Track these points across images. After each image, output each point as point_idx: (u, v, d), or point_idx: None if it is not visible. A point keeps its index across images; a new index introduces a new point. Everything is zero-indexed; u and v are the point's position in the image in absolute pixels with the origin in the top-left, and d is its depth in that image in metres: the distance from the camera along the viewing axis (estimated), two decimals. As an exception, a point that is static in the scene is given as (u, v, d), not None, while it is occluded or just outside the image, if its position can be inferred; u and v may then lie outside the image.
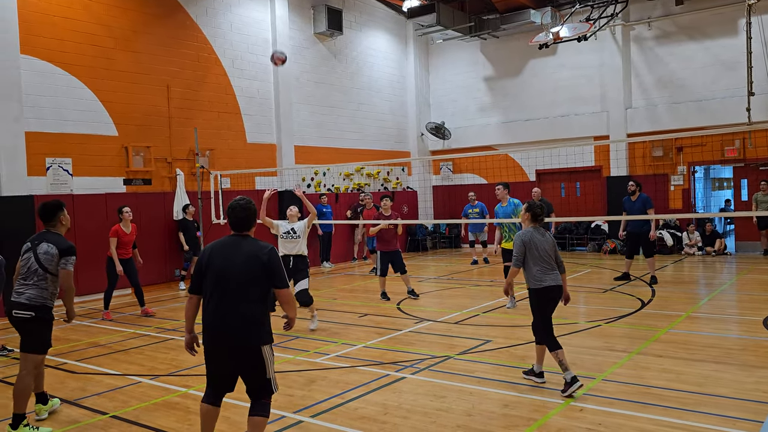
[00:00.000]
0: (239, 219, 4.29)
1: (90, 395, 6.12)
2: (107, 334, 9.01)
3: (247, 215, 4.30)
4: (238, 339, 4.11)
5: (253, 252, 4.18)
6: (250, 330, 4.12)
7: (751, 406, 5.08)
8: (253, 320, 4.13)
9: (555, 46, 17.68)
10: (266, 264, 4.15)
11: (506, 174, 18.83)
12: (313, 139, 17.05)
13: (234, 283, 4.15)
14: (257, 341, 4.13)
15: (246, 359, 4.14)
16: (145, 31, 13.34)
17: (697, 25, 16.38)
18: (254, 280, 4.15)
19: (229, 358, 4.16)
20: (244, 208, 4.30)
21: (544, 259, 5.80)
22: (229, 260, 4.19)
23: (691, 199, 16.81)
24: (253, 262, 4.15)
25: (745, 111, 13.42)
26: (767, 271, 12.89)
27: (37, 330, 5.21)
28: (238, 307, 4.12)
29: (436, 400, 5.53)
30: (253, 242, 4.27)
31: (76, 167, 12.14)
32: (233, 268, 4.16)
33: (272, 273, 4.18)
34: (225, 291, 4.16)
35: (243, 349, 4.13)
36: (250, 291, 4.15)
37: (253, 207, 4.36)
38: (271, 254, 4.19)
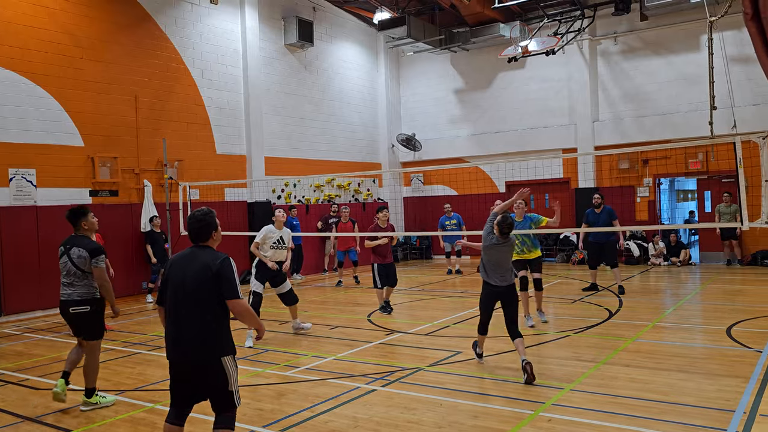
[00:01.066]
0: (193, 230, 4.28)
1: (53, 412, 5.96)
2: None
3: (201, 226, 4.26)
4: (195, 352, 4.07)
5: (206, 262, 4.13)
6: (207, 343, 4.07)
7: (715, 414, 5.17)
8: (209, 333, 4.07)
9: (524, 60, 17.95)
10: (216, 274, 4.08)
11: (476, 186, 19.01)
12: (283, 151, 16.99)
13: (188, 294, 4.11)
14: (215, 354, 4.08)
15: (206, 373, 4.09)
16: (112, 40, 13.17)
17: (661, 41, 16.79)
18: (207, 291, 4.08)
19: (190, 373, 4.11)
20: (198, 220, 4.28)
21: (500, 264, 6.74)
22: (184, 271, 4.17)
23: (656, 211, 17.14)
24: (204, 272, 4.09)
25: (708, 124, 13.74)
26: (730, 281, 13.18)
27: (94, 320, 6.06)
28: (193, 319, 4.08)
29: (407, 412, 5.52)
30: (208, 253, 4.21)
31: (40, 178, 11.89)
32: (187, 279, 4.13)
33: (221, 283, 4.08)
34: (181, 303, 4.13)
35: (202, 363, 4.08)
36: (204, 302, 4.09)
37: (209, 218, 4.30)
38: (222, 264, 4.11)
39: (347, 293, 13.33)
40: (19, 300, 11.45)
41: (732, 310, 9.76)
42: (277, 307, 11.84)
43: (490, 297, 6.84)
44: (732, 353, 7.14)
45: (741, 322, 8.75)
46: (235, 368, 4.18)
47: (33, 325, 10.82)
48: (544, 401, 5.65)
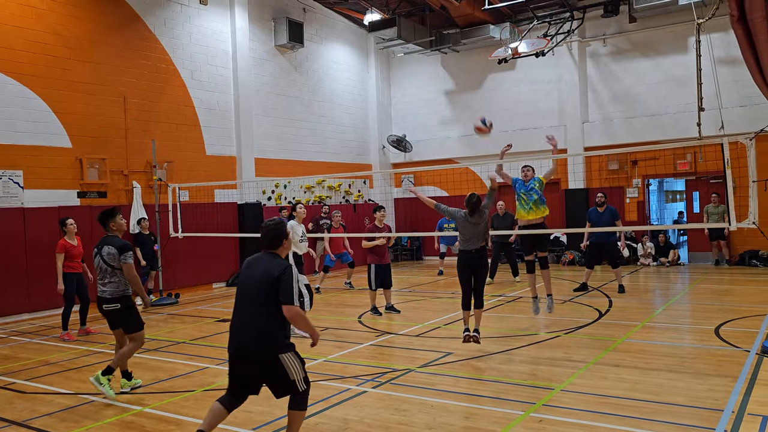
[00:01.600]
0: (263, 239, 4.65)
1: (40, 416, 5.90)
2: (59, 351, 8.72)
3: (274, 235, 4.64)
4: (255, 350, 4.39)
5: (270, 267, 4.47)
6: (268, 341, 4.38)
7: (704, 414, 5.19)
8: (269, 331, 4.39)
9: (514, 61, 17.99)
10: (277, 278, 4.39)
11: (467, 187, 18.98)
12: (273, 152, 16.94)
13: (251, 295, 4.47)
14: (274, 351, 4.39)
15: (265, 368, 4.41)
16: (101, 41, 13.09)
17: (649, 43, 16.89)
18: (267, 294, 4.40)
19: (251, 369, 4.46)
20: (271, 229, 4.65)
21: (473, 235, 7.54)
22: (251, 273, 4.54)
23: (645, 211, 17.23)
24: (267, 276, 4.43)
25: (696, 126, 13.83)
26: (719, 281, 13.27)
27: (126, 315, 6.43)
28: (254, 319, 4.41)
29: (397, 414, 5.51)
30: (274, 260, 4.55)
31: (27, 180, 11.79)
32: (252, 281, 4.50)
33: (279, 287, 4.38)
34: (245, 302, 4.50)
35: (261, 359, 4.39)
36: (265, 303, 4.40)
37: (281, 228, 4.68)
38: (284, 271, 4.43)
39: (338, 295, 13.31)
40: (5, 303, 11.33)
41: (720, 309, 9.82)
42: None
43: (465, 266, 7.61)
44: (720, 353, 7.18)
45: (729, 321, 8.80)
46: (296, 360, 4.46)
47: (20, 328, 10.72)
48: (534, 402, 5.66)
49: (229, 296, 13.73)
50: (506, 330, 8.93)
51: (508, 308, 10.79)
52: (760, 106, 13.92)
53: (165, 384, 6.81)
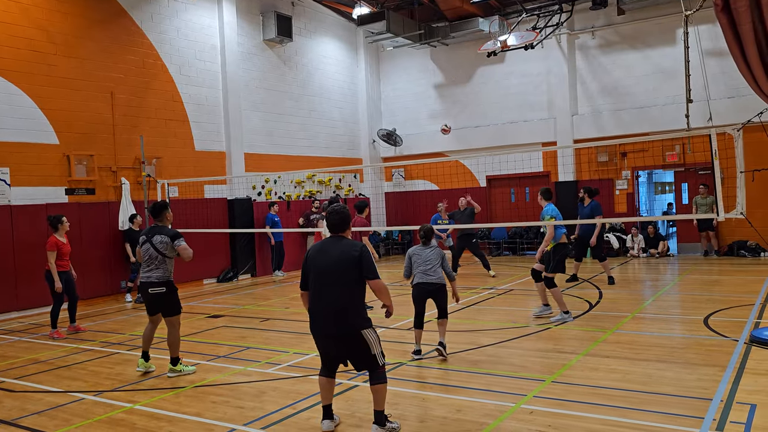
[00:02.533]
0: (335, 222, 5.00)
1: (29, 414, 5.86)
2: (48, 349, 8.66)
3: (342, 218, 5.00)
4: (339, 327, 4.75)
5: (346, 249, 4.85)
6: (349, 318, 4.76)
7: (694, 403, 5.23)
8: (351, 309, 4.78)
9: (503, 54, 17.99)
10: (357, 258, 4.79)
11: (458, 180, 19.04)
12: (263, 147, 16.87)
13: (334, 277, 4.81)
14: (357, 327, 4.76)
15: (349, 343, 4.80)
16: (87, 36, 12.96)
17: (638, 35, 16.93)
18: (348, 273, 4.78)
19: (335, 343, 4.85)
20: (338, 212, 5.02)
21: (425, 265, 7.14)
22: (327, 257, 4.87)
23: (635, 203, 17.31)
24: (347, 256, 4.80)
25: (684, 117, 13.89)
26: (708, 272, 13.36)
27: (170, 299, 6.95)
28: (337, 298, 4.77)
29: (389, 407, 5.50)
30: (347, 242, 4.95)
31: (14, 177, 11.67)
32: (331, 264, 4.83)
33: (362, 265, 4.80)
34: (325, 284, 4.83)
35: (345, 336, 4.77)
36: (346, 283, 4.78)
37: (347, 212, 5.05)
38: (363, 249, 4.84)
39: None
40: (-6, 301, 11.24)
41: (709, 300, 9.89)
42: (258, 305, 11.78)
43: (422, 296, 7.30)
44: (709, 342, 7.23)
45: (718, 311, 8.87)
46: (375, 336, 4.87)
47: (8, 327, 10.64)
48: (525, 393, 5.68)
49: (222, 292, 13.70)
50: (497, 322, 8.95)
51: (500, 300, 10.82)
52: (748, 97, 13.98)
53: (155, 381, 6.79)
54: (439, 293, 7.13)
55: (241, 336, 8.86)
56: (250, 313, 10.78)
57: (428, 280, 7.10)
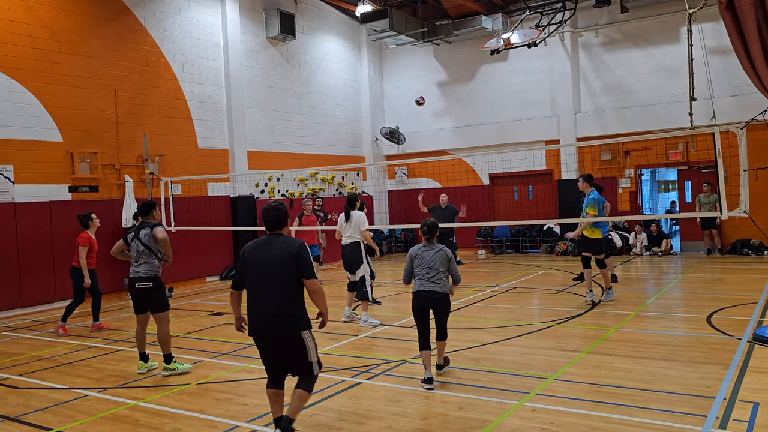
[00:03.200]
0: (271, 219, 4.77)
1: (33, 411, 5.88)
2: (52, 346, 8.69)
3: (278, 215, 4.77)
4: (279, 328, 4.54)
5: (285, 246, 4.65)
6: (289, 318, 4.56)
7: (697, 401, 5.23)
8: (291, 309, 4.57)
9: (506, 52, 17.98)
10: (295, 255, 4.59)
11: (460, 178, 19.04)
12: (266, 145, 16.88)
13: (271, 275, 4.59)
14: (296, 328, 4.56)
15: (288, 346, 4.59)
16: (91, 34, 12.98)
17: (641, 33, 16.90)
18: (287, 272, 4.58)
19: (275, 346, 4.63)
20: (275, 209, 4.79)
21: (427, 269, 6.11)
22: (264, 256, 4.66)
23: (638, 201, 17.29)
24: (284, 254, 4.60)
25: (688, 115, 13.87)
26: (711, 270, 13.35)
27: (157, 295, 6.92)
28: (277, 298, 4.56)
29: (392, 405, 5.52)
30: (285, 239, 4.73)
31: (18, 174, 11.70)
32: (269, 262, 4.62)
33: (299, 263, 4.59)
34: (264, 284, 4.61)
35: (284, 337, 4.57)
36: (285, 282, 4.57)
37: (284, 209, 4.83)
38: (300, 247, 4.63)
39: (332, 287, 13.31)
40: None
41: (712, 298, 9.88)
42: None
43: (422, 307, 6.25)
44: (712, 341, 7.23)
45: (721, 310, 8.86)
46: (313, 341, 4.64)
47: (12, 324, 10.68)
48: (528, 391, 5.69)
49: (223, 290, 13.71)
50: (500, 320, 8.95)
51: (502, 299, 10.82)
52: (751, 95, 13.96)
53: (159, 378, 6.80)
54: (441, 305, 6.11)
55: (245, 333, 8.86)
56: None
57: (429, 288, 6.05)
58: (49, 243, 12.02)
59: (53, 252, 12.04)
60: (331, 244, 15.89)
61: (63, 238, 12.17)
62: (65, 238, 12.21)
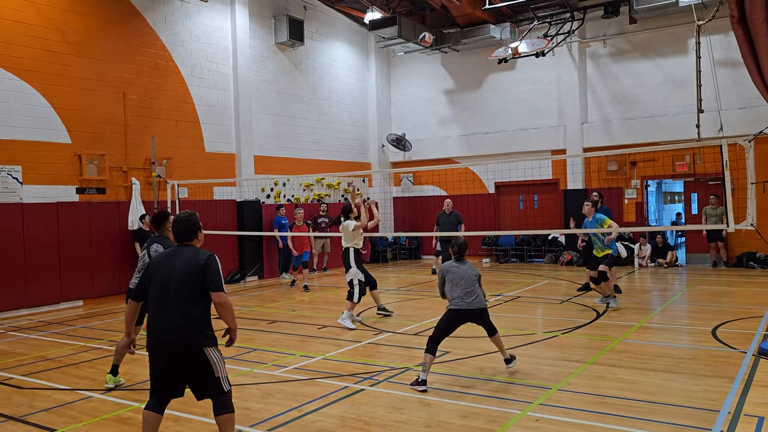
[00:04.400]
0: (180, 231, 4.55)
1: (37, 411, 5.90)
2: (57, 347, 8.72)
3: (187, 227, 4.55)
4: (179, 343, 4.23)
5: (192, 257, 4.39)
6: (191, 333, 4.24)
7: (700, 414, 5.21)
8: (194, 323, 4.25)
9: (514, 61, 18.00)
10: (202, 267, 4.32)
11: (466, 186, 19.05)
12: (273, 150, 16.93)
13: (174, 287, 4.30)
14: (198, 344, 4.24)
15: (189, 363, 4.25)
16: (101, 37, 13.07)
17: (649, 44, 16.91)
18: (192, 284, 4.29)
19: (174, 363, 4.27)
20: (183, 221, 4.56)
21: (463, 288, 6.41)
22: (170, 267, 4.38)
23: (644, 212, 17.25)
24: (190, 265, 4.33)
25: (695, 127, 13.85)
26: (716, 283, 13.29)
27: None
28: (179, 311, 4.24)
29: (395, 412, 5.52)
30: (194, 250, 4.49)
31: (26, 175, 11.77)
32: (173, 273, 4.34)
33: (206, 275, 4.31)
34: (167, 296, 4.30)
35: (185, 353, 4.23)
36: (189, 295, 4.27)
37: (194, 219, 4.59)
38: (209, 259, 4.37)
39: (336, 293, 13.31)
40: (3, 298, 11.30)
41: (717, 311, 9.84)
42: (265, 307, 11.81)
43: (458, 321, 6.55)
44: (717, 354, 7.19)
45: (726, 323, 8.82)
46: (219, 357, 4.33)
47: (18, 324, 10.71)
48: (531, 401, 5.67)
49: (229, 293, 13.71)
50: (504, 329, 8.92)
51: (506, 308, 10.80)
52: (759, 108, 13.94)
53: (163, 380, 6.80)
54: (482, 317, 6.48)
55: (248, 338, 8.88)
56: (257, 315, 10.80)
57: (471, 307, 6.33)
58: (56, 244, 12.07)
59: (59, 253, 12.09)
60: (336, 249, 15.93)
61: (70, 240, 12.24)
62: (72, 240, 12.29)
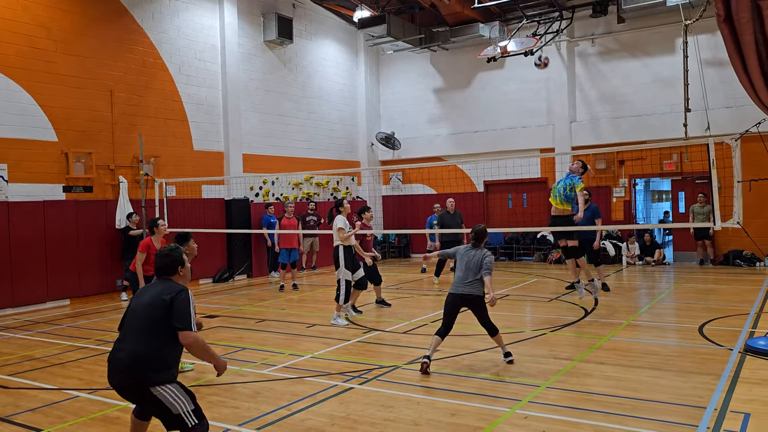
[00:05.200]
0: (158, 266, 4.37)
1: (23, 411, 5.84)
2: (43, 347, 8.64)
3: (166, 262, 4.35)
4: (126, 379, 4.02)
5: (161, 291, 4.15)
6: (137, 370, 3.96)
7: (688, 411, 5.24)
8: (144, 360, 3.97)
9: (503, 60, 18.04)
10: (169, 303, 4.06)
11: (455, 185, 19.07)
12: (261, 148, 16.87)
13: (133, 323, 4.13)
14: (145, 383, 3.96)
15: (141, 400, 4.09)
16: (87, 34, 12.96)
17: (637, 43, 17.00)
18: (155, 319, 4.04)
19: (129, 398, 4.15)
20: (164, 255, 4.37)
21: (465, 271, 6.87)
22: (140, 299, 4.22)
23: (632, 211, 17.35)
24: (157, 300, 4.09)
25: (682, 126, 13.96)
26: (703, 280, 13.40)
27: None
28: (133, 345, 4.02)
29: (384, 410, 5.51)
30: (166, 284, 4.25)
31: (12, 173, 11.65)
32: (140, 305, 4.16)
33: (172, 312, 4.04)
34: (129, 328, 4.15)
35: (133, 389, 4.04)
36: (147, 329, 4.04)
37: (176, 254, 4.37)
38: (179, 294, 4.10)
39: (325, 292, 13.28)
40: (-11, 297, 11.21)
41: (704, 308, 9.92)
42: (254, 305, 11.78)
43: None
44: (704, 351, 7.25)
45: (713, 320, 8.89)
46: (176, 392, 4.02)
47: (3, 323, 10.61)
48: (520, 399, 5.69)
49: (216, 292, 13.68)
50: (493, 327, 8.94)
51: (495, 306, 10.79)
52: (746, 107, 14.04)
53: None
54: (477, 306, 6.81)
55: (237, 336, 8.85)
56: (246, 314, 10.77)
57: (464, 292, 6.75)
58: (42, 243, 11.96)
59: (46, 252, 11.99)
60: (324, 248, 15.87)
61: (56, 238, 12.14)
62: (58, 238, 12.19)
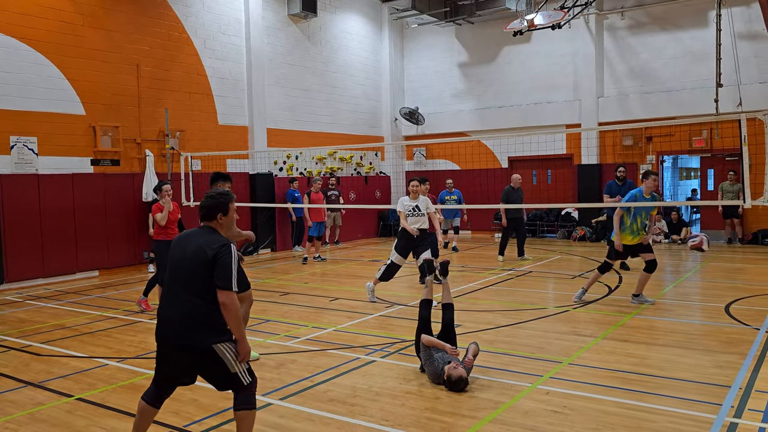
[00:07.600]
0: (201, 208, 4.09)
1: (55, 378, 6.03)
2: (73, 316, 8.87)
3: (209, 205, 4.04)
4: (181, 340, 3.84)
5: (203, 245, 3.88)
6: (196, 330, 3.81)
7: (711, 390, 5.21)
8: (199, 319, 3.81)
9: (529, 34, 17.73)
10: (212, 258, 3.82)
11: (479, 160, 18.95)
12: (285, 122, 16.90)
13: (182, 275, 3.90)
14: (202, 342, 3.80)
15: (198, 360, 3.86)
16: (114, 8, 13.02)
17: (668, 16, 16.57)
18: (199, 275, 3.83)
19: (180, 358, 3.90)
20: (207, 197, 4.09)
21: None
22: (183, 251, 3.95)
23: (659, 188, 17.09)
24: (200, 254, 3.85)
25: (713, 102, 13.66)
26: (731, 260, 13.20)
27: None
28: (184, 302, 3.84)
29: (405, 383, 5.57)
30: (208, 234, 3.97)
31: (41, 146, 11.85)
32: (185, 259, 3.91)
33: (213, 269, 3.82)
34: (175, 283, 3.93)
35: (191, 350, 3.83)
36: (196, 286, 3.83)
37: (219, 199, 4.05)
38: (221, 249, 3.84)
39: (348, 265, 13.37)
40: (21, 268, 11.49)
41: (731, 288, 9.80)
42: (277, 279, 11.91)
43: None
44: (730, 330, 7.18)
45: (740, 299, 8.79)
46: (234, 350, 3.87)
47: (35, 293, 10.89)
48: (542, 374, 5.71)
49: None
50: (515, 303, 8.95)
51: (518, 282, 10.81)
52: (780, 82, 13.68)
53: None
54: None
55: (261, 309, 8.97)
56: (270, 287, 10.90)
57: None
58: (71, 215, 12.20)
59: (75, 224, 12.23)
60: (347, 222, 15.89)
61: (85, 211, 12.36)
62: (87, 211, 12.42)
